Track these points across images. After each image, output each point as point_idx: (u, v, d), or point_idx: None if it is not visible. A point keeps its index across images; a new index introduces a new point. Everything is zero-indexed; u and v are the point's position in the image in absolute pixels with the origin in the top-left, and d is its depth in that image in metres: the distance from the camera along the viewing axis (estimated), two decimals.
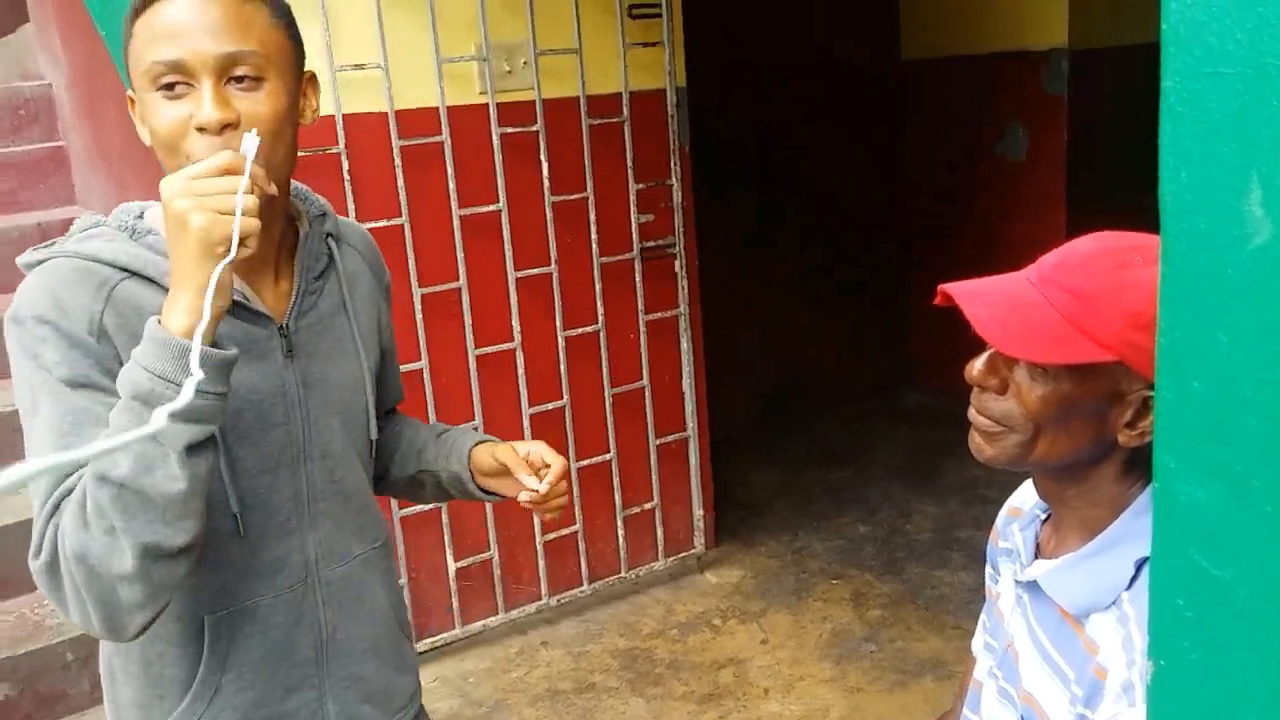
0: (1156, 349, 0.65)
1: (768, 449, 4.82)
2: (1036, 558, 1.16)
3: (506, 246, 3.14)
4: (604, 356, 3.39)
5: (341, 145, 2.85)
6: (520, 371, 3.23)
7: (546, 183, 3.16)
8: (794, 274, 4.95)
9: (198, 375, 0.94)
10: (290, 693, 1.28)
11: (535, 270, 3.20)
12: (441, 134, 2.99)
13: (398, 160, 2.94)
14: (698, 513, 3.74)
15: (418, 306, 3.02)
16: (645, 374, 3.49)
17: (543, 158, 3.14)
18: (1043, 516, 1.19)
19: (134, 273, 1.13)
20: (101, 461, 0.99)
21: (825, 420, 5.13)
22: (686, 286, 3.51)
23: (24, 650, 2.67)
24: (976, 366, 1.06)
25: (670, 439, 3.61)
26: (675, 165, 3.40)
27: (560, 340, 3.29)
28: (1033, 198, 4.68)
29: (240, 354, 1.14)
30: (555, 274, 3.24)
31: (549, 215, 3.19)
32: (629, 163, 3.30)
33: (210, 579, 1.20)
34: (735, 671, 3.14)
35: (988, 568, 1.32)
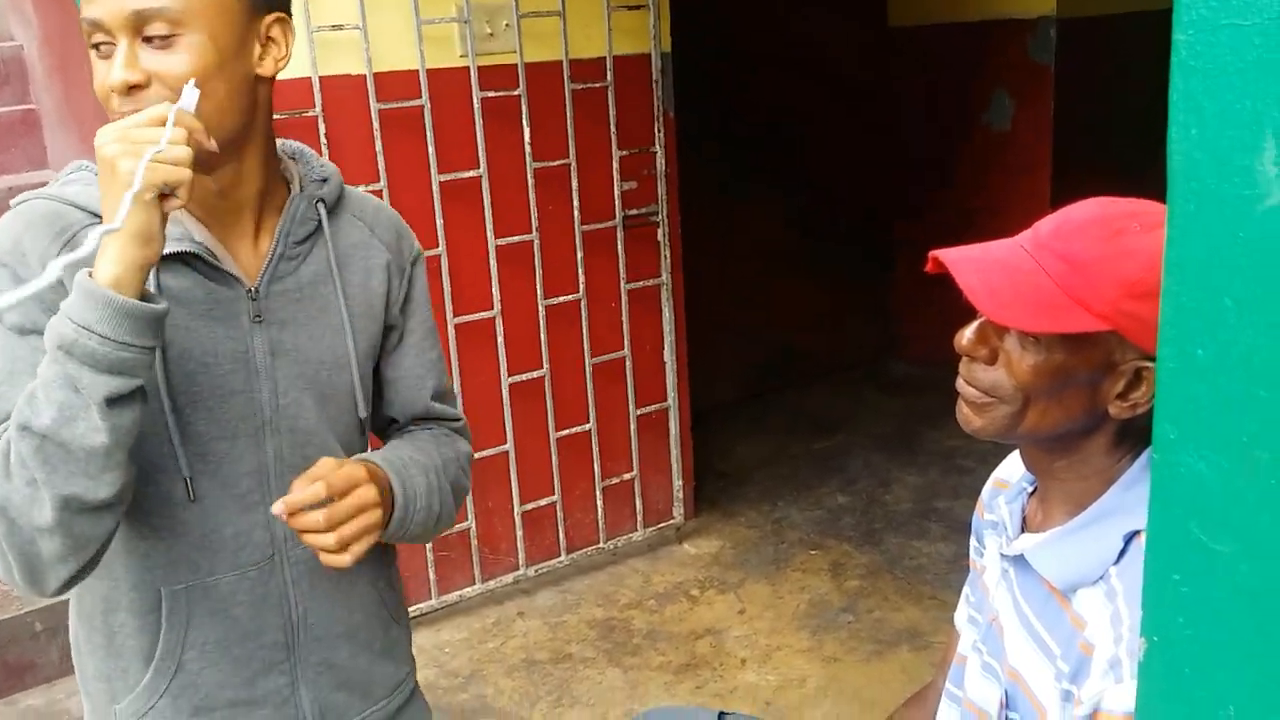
0: (1159, 315, 0.63)
1: (752, 418, 4.81)
2: (1023, 531, 1.14)
3: (487, 213, 3.09)
4: (585, 325, 3.36)
5: (318, 108, 2.79)
6: (500, 340, 3.20)
7: (528, 148, 3.12)
8: (779, 242, 4.92)
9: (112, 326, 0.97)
10: (258, 675, 1.25)
11: (516, 238, 3.16)
12: (421, 98, 2.93)
13: (376, 124, 2.88)
14: (677, 483, 3.72)
15: None
16: (626, 343, 3.46)
17: (524, 123, 3.09)
18: (1029, 489, 1.17)
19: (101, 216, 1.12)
20: (24, 411, 0.99)
21: (811, 389, 5.13)
22: (669, 255, 3.47)
23: None
24: (966, 335, 1.04)
25: (651, 409, 3.59)
26: (659, 132, 3.36)
27: (541, 308, 3.26)
28: (1018, 167, 4.66)
29: (200, 313, 1.12)
30: (536, 241, 3.20)
31: (530, 182, 3.15)
32: (612, 129, 3.26)
33: (161, 547, 1.17)
34: (712, 642, 3.13)
35: (972, 540, 1.30)
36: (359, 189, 1.37)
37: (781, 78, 4.71)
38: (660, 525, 3.73)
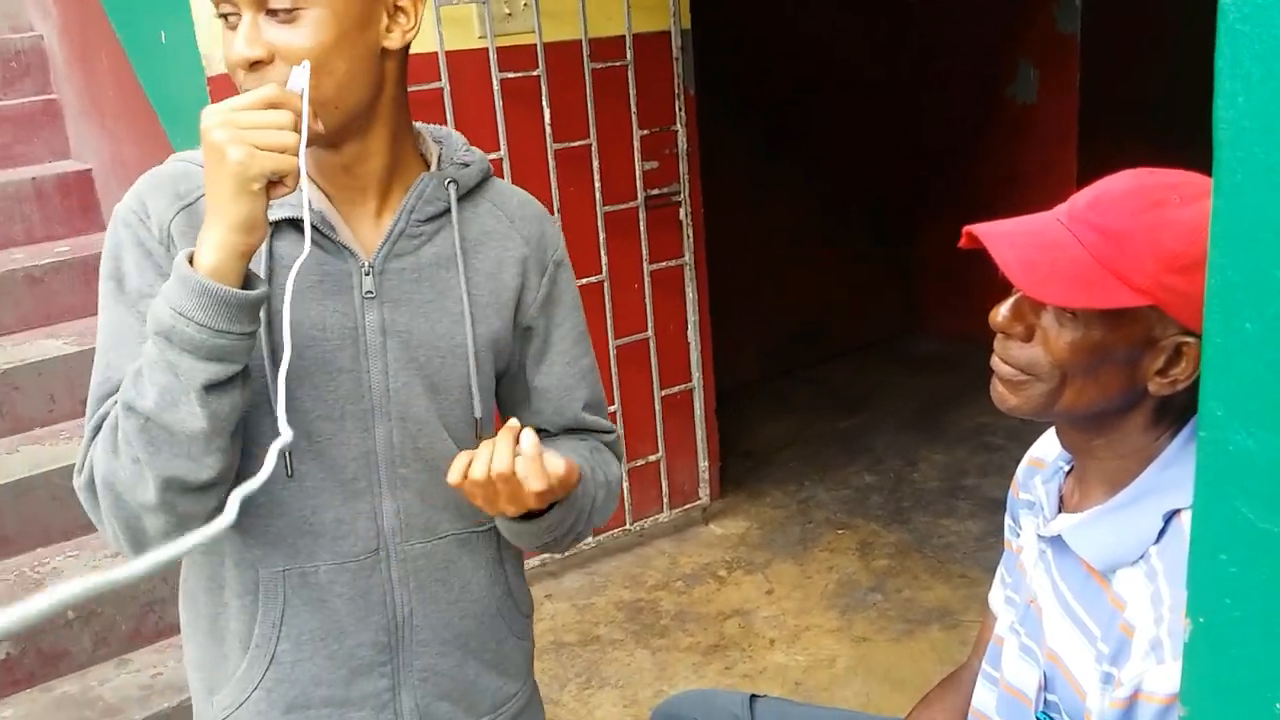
0: (1206, 288, 0.61)
1: (776, 397, 4.79)
2: (1060, 511, 1.12)
3: None
4: (608, 307, 3.34)
5: None
6: None
7: (548, 129, 3.10)
8: (803, 220, 4.89)
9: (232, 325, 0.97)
10: (357, 675, 1.20)
11: None
12: (440, 80, 2.92)
13: None
14: (703, 464, 3.71)
15: None
16: (650, 324, 3.45)
17: (544, 104, 3.07)
18: (1066, 468, 1.15)
19: None
20: (130, 390, 1.00)
21: (835, 367, 5.10)
22: (691, 235, 3.45)
23: None
24: (1001, 312, 1.01)
25: (675, 390, 3.57)
26: (680, 110, 3.33)
27: None
28: (1044, 140, 4.61)
29: (310, 284, 1.11)
30: (558, 223, 3.18)
31: (551, 163, 3.13)
32: (633, 108, 3.23)
33: (259, 525, 1.14)
34: (740, 622, 3.13)
35: (1007, 519, 1.29)
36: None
37: (802, 53, 4.67)
38: (686, 506, 3.72)
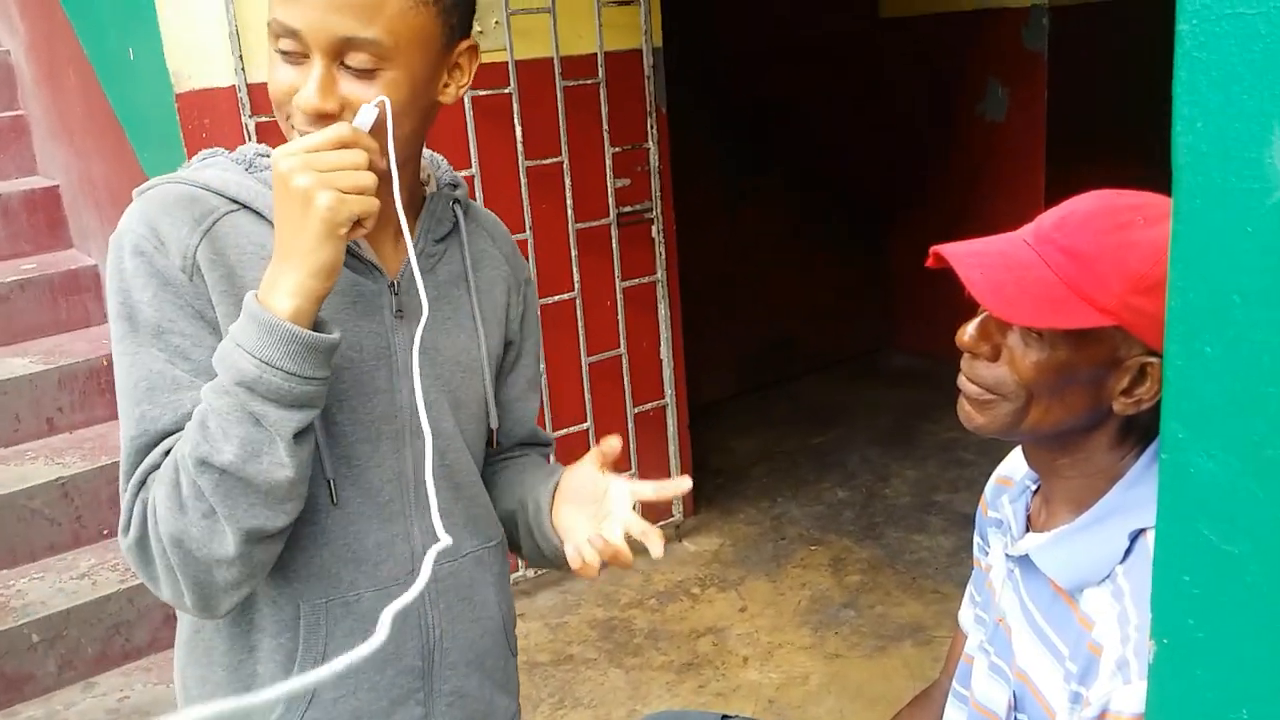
0: (1166, 312, 0.61)
1: (750, 413, 4.80)
2: (1027, 530, 1.12)
3: None
4: (580, 324, 3.34)
5: None
6: None
7: (520, 147, 3.10)
8: (776, 236, 4.92)
9: (317, 370, 0.95)
10: (395, 706, 1.17)
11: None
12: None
13: None
14: (677, 462, 3.71)
15: None
16: (623, 342, 3.45)
17: (516, 121, 3.07)
18: (1033, 487, 1.15)
19: (243, 205, 1.07)
20: (200, 445, 0.95)
21: (808, 383, 5.12)
22: (664, 252, 3.46)
23: None
24: (968, 332, 1.02)
25: (648, 407, 3.57)
26: (652, 128, 3.34)
27: None
28: (1013, 157, 4.65)
29: (345, 304, 1.08)
30: (530, 241, 3.18)
31: (523, 180, 3.13)
32: (605, 126, 3.24)
33: (302, 557, 1.10)
34: (714, 640, 3.12)
35: (976, 538, 1.29)
36: None
37: (774, 71, 4.70)
38: (660, 523, 3.71)
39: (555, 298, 3.27)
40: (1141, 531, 0.97)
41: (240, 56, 2.62)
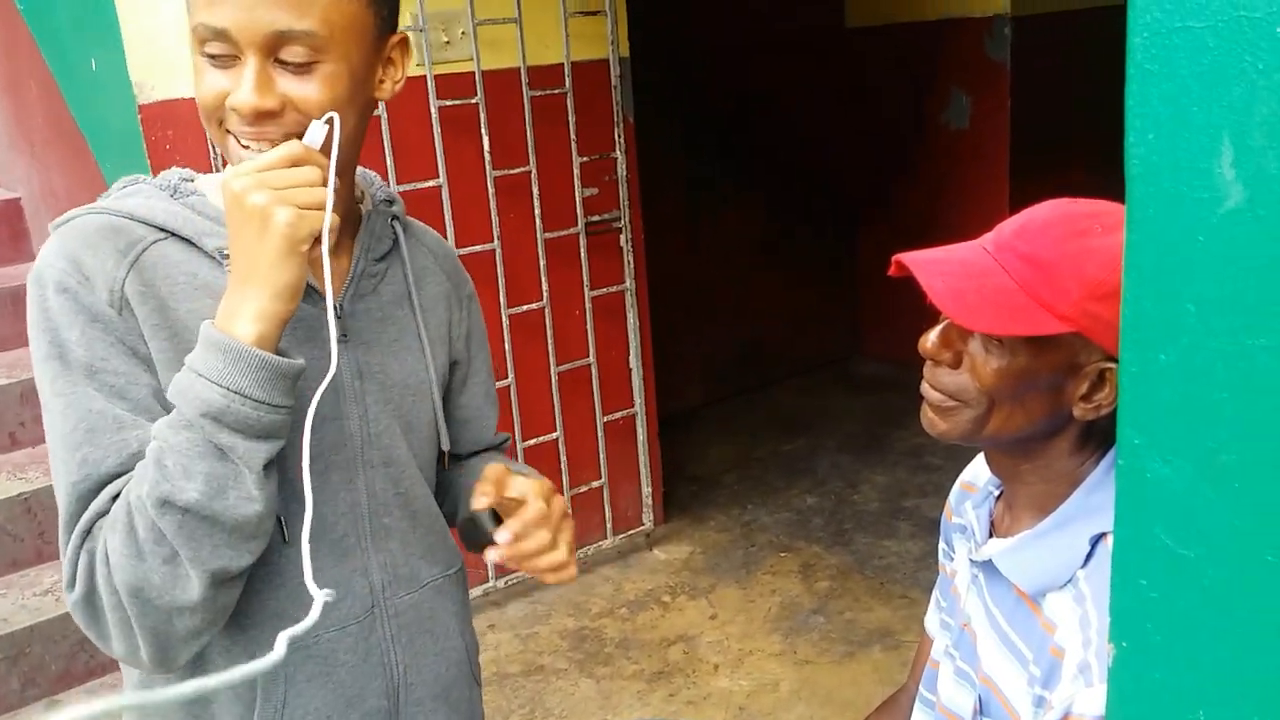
0: (1121, 320, 0.62)
1: (719, 421, 4.81)
2: (991, 535, 1.13)
3: (447, 223, 3.07)
4: (549, 334, 3.34)
5: None
6: None
7: (487, 157, 3.10)
8: (744, 244, 4.94)
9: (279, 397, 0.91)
10: None
11: (477, 247, 3.14)
12: (378, 107, 2.89)
13: None
14: (646, 489, 3.71)
15: None
16: (592, 351, 3.45)
17: (483, 131, 3.07)
18: (996, 493, 1.16)
19: (171, 232, 1.02)
20: (159, 485, 0.90)
21: (778, 390, 5.14)
22: (632, 261, 3.46)
23: None
24: (930, 339, 1.03)
25: (618, 416, 3.57)
26: (619, 138, 3.35)
27: (504, 318, 3.24)
28: (977, 165, 4.70)
29: (284, 332, 1.03)
30: (498, 250, 3.17)
31: (490, 190, 3.13)
32: (572, 135, 3.24)
33: (255, 600, 1.04)
34: (685, 648, 3.12)
35: (941, 544, 1.30)
36: None
37: (741, 81, 4.72)
38: (630, 532, 3.71)
39: (524, 307, 3.27)
40: (1102, 535, 0.98)
41: None
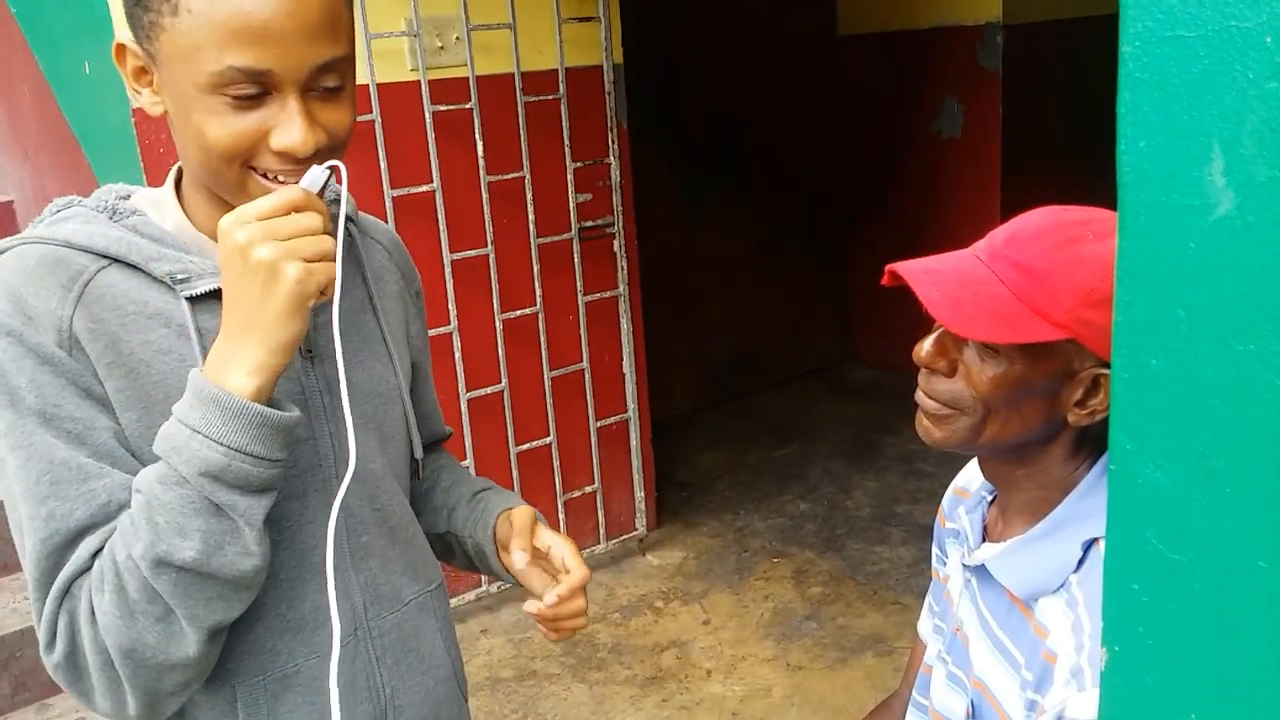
0: (1113, 326, 0.63)
1: (712, 427, 4.81)
2: (984, 540, 1.14)
3: (441, 228, 3.07)
4: (543, 339, 3.34)
5: None
6: (457, 355, 3.17)
7: (481, 162, 3.10)
8: (737, 251, 4.94)
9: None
10: None
11: (471, 252, 3.14)
12: (372, 113, 2.91)
13: None
14: (639, 495, 3.71)
15: None
16: (585, 356, 3.45)
17: (477, 136, 3.07)
18: (989, 498, 1.17)
19: (114, 259, 0.96)
20: (158, 546, 0.87)
21: (770, 396, 5.15)
22: (626, 267, 3.47)
23: None
24: (925, 348, 1.03)
25: (611, 421, 3.58)
26: (613, 143, 3.36)
27: (498, 323, 3.24)
28: (969, 173, 4.71)
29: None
30: (492, 255, 3.18)
31: (485, 196, 3.13)
32: (566, 141, 3.25)
33: (233, 634, 0.99)
34: (678, 654, 3.12)
35: (934, 549, 1.30)
36: None
37: (734, 88, 4.73)
38: (623, 537, 3.71)
39: (517, 312, 3.27)
40: (1094, 541, 0.99)
41: None
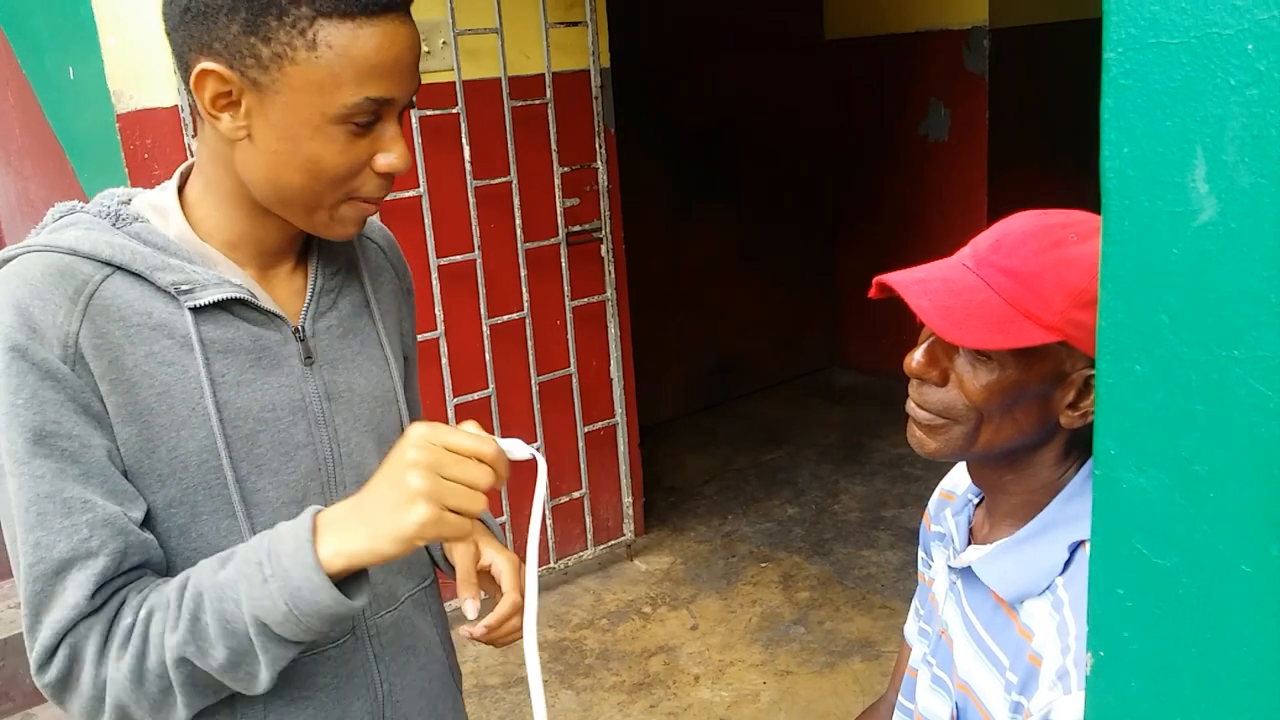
0: (1097, 331, 0.63)
1: (700, 432, 4.82)
2: (970, 543, 1.14)
3: (428, 233, 3.07)
4: (530, 344, 3.34)
5: None
6: (444, 360, 3.17)
7: (468, 167, 3.10)
8: (724, 255, 4.95)
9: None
10: None
11: (458, 257, 3.14)
12: None
13: None
14: (627, 500, 3.71)
15: None
16: (573, 361, 3.45)
17: (464, 141, 3.07)
18: (975, 500, 1.17)
19: (119, 267, 0.95)
20: (189, 647, 0.90)
21: (758, 401, 5.16)
22: (613, 271, 3.47)
23: None
24: (916, 359, 1.03)
25: (598, 426, 3.57)
26: (600, 148, 3.36)
27: (485, 328, 3.23)
28: (956, 177, 4.73)
29: (249, 363, 1.01)
30: (479, 260, 3.17)
31: (471, 200, 3.13)
32: (553, 145, 3.25)
33: None
34: (665, 659, 3.12)
35: (920, 553, 1.30)
36: None
37: (722, 93, 4.74)
38: (611, 543, 3.71)
39: (505, 317, 3.27)
40: (1081, 543, 0.99)
41: None
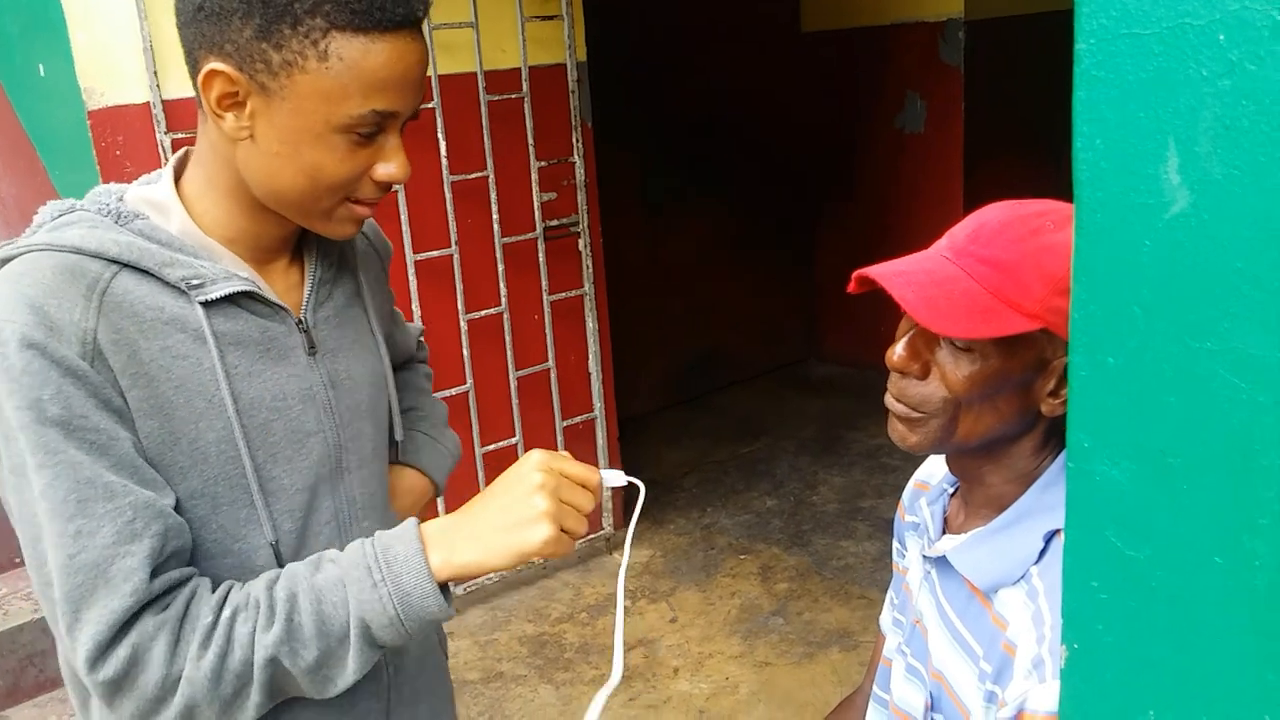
0: (1070, 324, 0.63)
1: (678, 425, 4.82)
2: (944, 533, 1.14)
3: (404, 229, 3.05)
4: (508, 339, 3.33)
5: None
6: None
7: (445, 162, 3.08)
8: (702, 248, 4.95)
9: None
10: None
11: (435, 252, 3.12)
12: None
13: None
14: (606, 493, 3.69)
15: None
16: (551, 355, 3.44)
17: (440, 136, 3.05)
18: (950, 490, 1.17)
19: (127, 264, 0.95)
20: (282, 647, 0.93)
21: (736, 394, 5.17)
22: (591, 265, 3.46)
23: None
24: (897, 352, 1.03)
25: (577, 420, 3.57)
26: (577, 142, 3.35)
27: (463, 323, 3.22)
28: (932, 169, 4.74)
29: (259, 354, 1.03)
30: (456, 256, 3.16)
31: (448, 195, 3.11)
32: (530, 140, 3.23)
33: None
34: (645, 652, 3.12)
35: (894, 543, 1.31)
36: None
37: (698, 86, 4.73)
38: (590, 536, 3.70)
39: (482, 312, 3.26)
40: (1056, 532, 0.99)
41: (155, 72, 2.57)
